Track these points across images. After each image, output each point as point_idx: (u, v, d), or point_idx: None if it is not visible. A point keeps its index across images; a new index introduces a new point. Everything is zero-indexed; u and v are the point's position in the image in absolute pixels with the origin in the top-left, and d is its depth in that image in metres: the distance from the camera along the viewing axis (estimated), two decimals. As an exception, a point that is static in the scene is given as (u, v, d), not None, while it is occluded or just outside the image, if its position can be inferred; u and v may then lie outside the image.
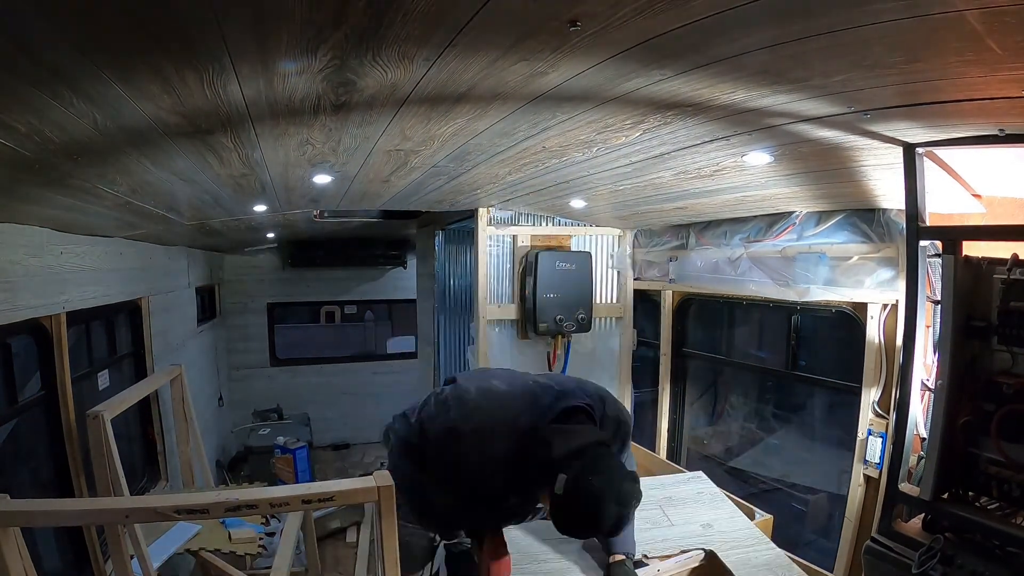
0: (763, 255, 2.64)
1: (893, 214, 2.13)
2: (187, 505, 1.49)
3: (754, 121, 1.40)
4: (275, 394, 6.36)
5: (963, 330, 1.62)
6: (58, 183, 1.58)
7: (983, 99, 1.17)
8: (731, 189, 2.20)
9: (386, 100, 1.23)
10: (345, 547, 4.18)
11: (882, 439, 2.16)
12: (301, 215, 3.49)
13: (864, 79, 1.11)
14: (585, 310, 3.34)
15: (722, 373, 3.38)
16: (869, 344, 2.22)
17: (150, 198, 2.06)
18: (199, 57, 0.93)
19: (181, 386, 3.22)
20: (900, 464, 1.81)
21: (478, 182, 2.33)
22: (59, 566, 2.29)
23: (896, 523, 1.81)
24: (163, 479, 3.37)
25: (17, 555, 1.43)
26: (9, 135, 1.12)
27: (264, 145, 1.54)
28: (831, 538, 2.45)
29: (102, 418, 2.12)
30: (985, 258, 1.63)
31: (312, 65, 1.00)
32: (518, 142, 1.66)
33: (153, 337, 3.37)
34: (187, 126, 1.28)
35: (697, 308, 3.43)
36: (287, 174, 2.00)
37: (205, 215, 2.82)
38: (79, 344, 2.48)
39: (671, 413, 3.50)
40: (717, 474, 3.13)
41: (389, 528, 1.48)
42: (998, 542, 1.53)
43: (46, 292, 2.10)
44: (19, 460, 2.14)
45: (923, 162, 1.60)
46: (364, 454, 6.40)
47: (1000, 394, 1.57)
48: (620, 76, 1.12)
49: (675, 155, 1.76)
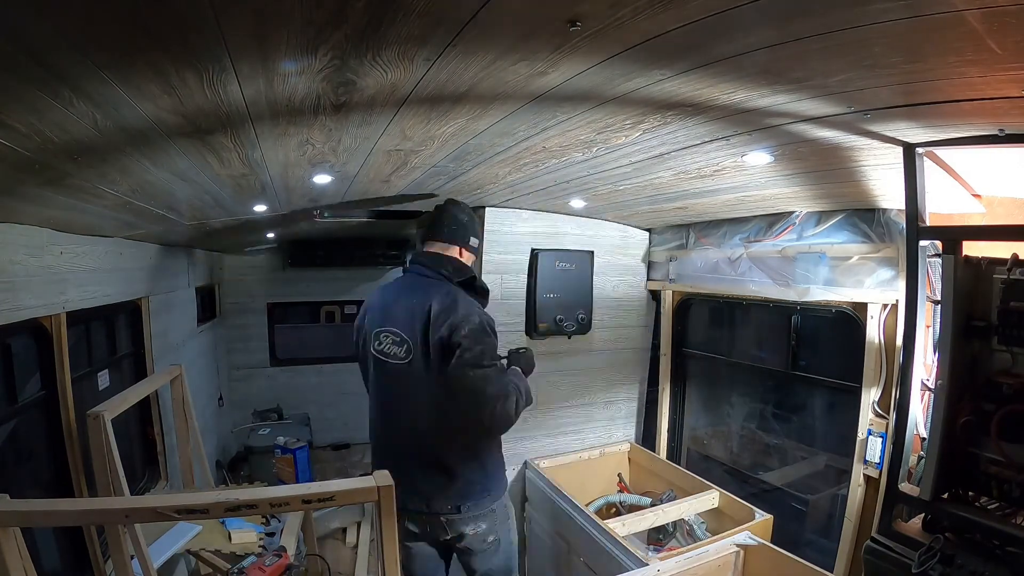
0: (763, 255, 2.64)
1: (893, 214, 2.13)
2: (187, 505, 1.50)
3: (754, 121, 1.40)
4: (275, 394, 6.36)
5: (963, 330, 1.62)
6: (58, 183, 1.58)
7: (983, 99, 1.17)
8: (731, 189, 2.20)
9: (386, 100, 1.23)
10: (345, 547, 4.19)
11: (882, 439, 2.16)
12: (301, 215, 3.49)
13: (864, 79, 1.11)
14: (585, 310, 3.32)
15: (722, 373, 3.38)
16: (869, 344, 2.22)
17: (150, 198, 2.06)
18: (199, 57, 0.93)
19: (181, 386, 3.22)
20: (900, 464, 1.81)
21: (478, 182, 2.33)
22: (59, 566, 2.28)
23: (896, 523, 1.81)
24: (163, 479, 3.36)
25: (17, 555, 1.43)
26: (9, 135, 1.12)
27: (264, 145, 1.54)
28: (831, 538, 2.45)
29: (102, 418, 2.12)
30: (985, 258, 1.63)
31: (312, 65, 1.00)
32: (518, 142, 1.66)
33: (153, 337, 3.37)
34: (187, 126, 1.28)
35: (697, 308, 3.43)
36: (287, 174, 2.00)
37: (205, 215, 2.82)
38: (79, 344, 2.48)
39: (671, 413, 3.51)
40: (717, 474, 3.14)
41: (389, 528, 1.49)
42: (998, 542, 1.53)
43: (46, 292, 2.09)
44: (19, 460, 2.14)
45: (923, 162, 1.60)
46: (364, 454, 6.40)
47: (1000, 394, 1.58)
48: (620, 76, 1.13)
49: (675, 155, 1.76)
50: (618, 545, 2.37)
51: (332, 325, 6.99)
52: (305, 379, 6.61)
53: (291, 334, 6.67)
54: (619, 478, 3.52)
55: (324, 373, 6.70)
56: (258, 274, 6.42)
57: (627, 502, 3.21)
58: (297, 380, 6.58)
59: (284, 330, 6.62)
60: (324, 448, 6.42)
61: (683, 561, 2.16)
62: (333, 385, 6.67)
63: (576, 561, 2.73)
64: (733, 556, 2.24)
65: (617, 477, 3.52)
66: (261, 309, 6.45)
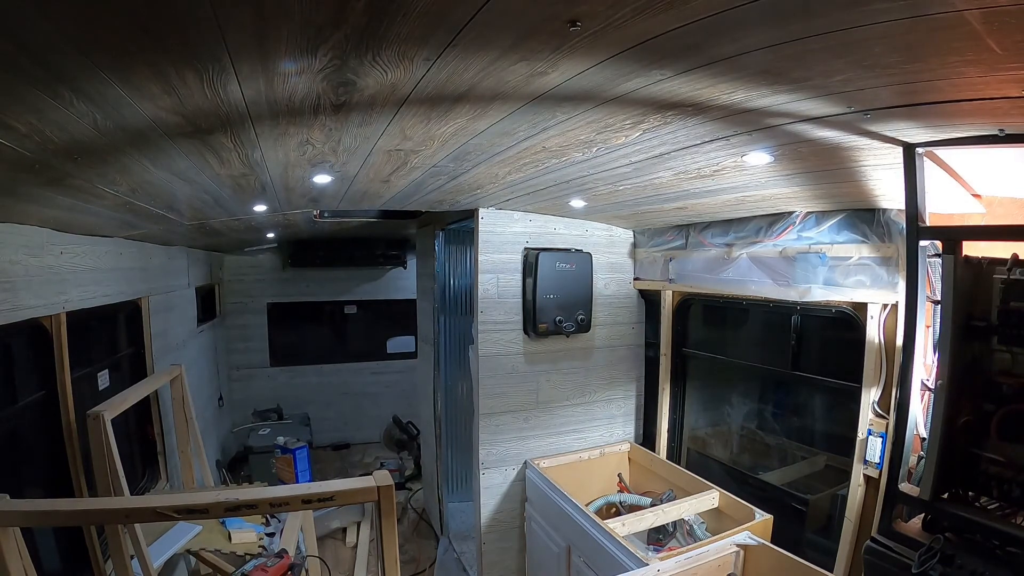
0: (763, 255, 2.64)
1: (893, 214, 2.13)
2: (187, 505, 1.50)
3: (754, 121, 1.40)
4: (275, 394, 6.37)
5: (963, 330, 1.62)
6: (58, 183, 1.58)
7: (983, 99, 1.17)
8: (731, 189, 2.20)
9: (386, 100, 1.23)
10: (345, 547, 4.19)
11: (882, 439, 2.16)
12: (301, 215, 3.49)
13: (864, 79, 1.11)
14: (585, 311, 3.34)
15: (722, 373, 3.38)
16: (869, 344, 2.22)
17: (150, 198, 2.06)
18: (199, 57, 0.93)
19: (181, 386, 3.22)
20: (900, 464, 1.81)
21: (478, 182, 2.33)
22: (59, 566, 2.28)
23: (896, 523, 1.81)
24: (163, 479, 3.37)
25: (17, 555, 1.43)
26: (9, 135, 1.13)
27: (264, 145, 1.55)
28: (831, 538, 2.45)
29: (102, 418, 2.12)
30: (985, 258, 1.63)
31: (312, 65, 1.00)
32: (518, 142, 1.66)
33: (153, 337, 3.37)
34: (187, 126, 1.28)
35: (697, 308, 3.43)
36: (287, 174, 2.00)
37: (205, 215, 2.82)
38: (79, 344, 2.48)
39: (671, 413, 3.51)
40: (717, 474, 3.14)
41: (389, 528, 1.49)
42: (998, 542, 1.53)
43: (46, 292, 2.10)
44: (19, 460, 2.14)
45: (923, 162, 1.60)
46: (364, 454, 6.40)
47: (1000, 394, 1.58)
48: (620, 76, 1.13)
49: (675, 155, 1.76)
50: (618, 545, 2.37)
51: (332, 325, 7.00)
52: (305, 379, 6.62)
53: (291, 334, 6.68)
54: (619, 478, 3.52)
55: (324, 373, 6.71)
56: (258, 274, 6.43)
57: (627, 502, 3.21)
58: (297, 380, 6.59)
59: (284, 330, 6.63)
60: (324, 448, 6.44)
61: (683, 561, 2.16)
62: (333, 385, 6.69)
63: (576, 561, 2.73)
64: (733, 556, 2.24)
65: (617, 477, 3.53)
66: (261, 309, 6.46)
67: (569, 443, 3.50)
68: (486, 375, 3.24)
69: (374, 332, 7.05)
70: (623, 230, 3.59)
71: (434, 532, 4.57)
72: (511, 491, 3.37)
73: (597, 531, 2.53)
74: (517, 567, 3.43)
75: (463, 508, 4.37)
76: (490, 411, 3.27)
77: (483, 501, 3.33)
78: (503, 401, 3.29)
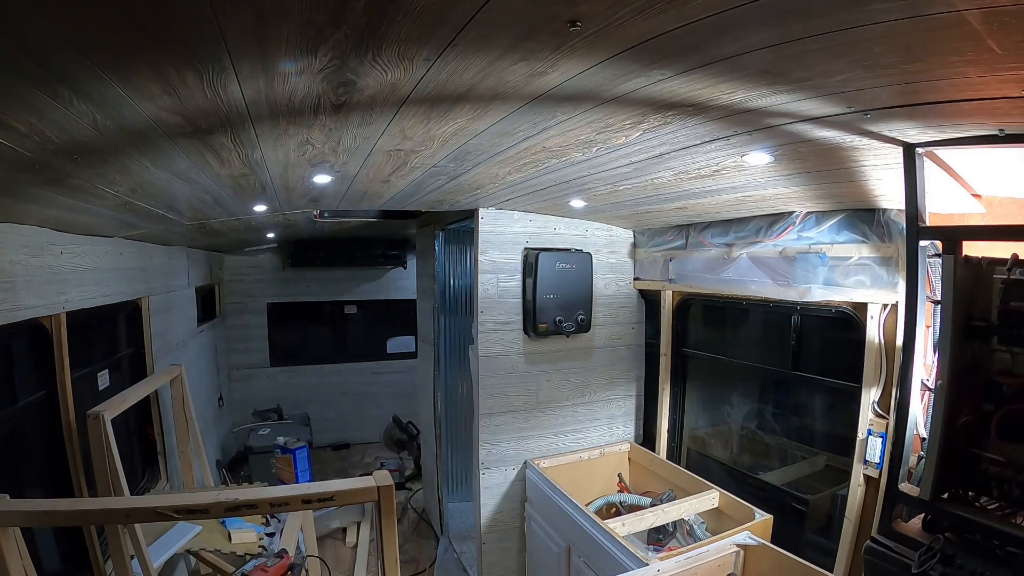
0: (763, 255, 2.64)
1: (893, 214, 2.13)
2: (187, 505, 1.50)
3: (754, 121, 1.40)
4: (275, 394, 6.36)
5: (963, 330, 1.62)
6: (58, 183, 1.58)
7: (983, 99, 1.17)
8: (731, 189, 2.20)
9: (386, 100, 1.23)
10: (345, 547, 4.19)
11: (882, 439, 2.16)
12: (301, 215, 3.49)
13: (864, 79, 1.11)
14: (585, 311, 3.34)
15: (722, 373, 3.38)
16: (869, 344, 2.22)
17: (150, 198, 2.06)
18: (199, 57, 0.93)
19: (181, 386, 3.22)
20: (900, 464, 1.81)
21: (478, 182, 2.33)
22: (59, 566, 2.28)
23: (896, 523, 1.81)
24: (163, 479, 3.37)
25: (17, 555, 1.43)
26: (9, 135, 1.13)
27: (264, 145, 1.55)
28: (831, 538, 2.45)
29: (102, 418, 2.12)
30: (985, 258, 1.63)
31: (312, 65, 1.00)
32: (518, 142, 1.66)
33: (153, 337, 3.37)
34: (187, 126, 1.28)
35: (697, 308, 3.44)
36: (287, 174, 2.00)
37: (205, 215, 2.82)
38: (79, 344, 2.48)
39: (671, 413, 3.51)
40: (717, 474, 3.14)
41: (389, 528, 1.49)
42: (998, 542, 1.53)
43: (46, 292, 2.10)
44: (19, 460, 2.14)
45: (923, 162, 1.60)
46: (364, 454, 6.40)
47: (1000, 394, 1.58)
48: (620, 76, 1.13)
49: (675, 155, 1.76)
50: (618, 545, 2.37)
51: (332, 325, 7.00)
52: (305, 379, 6.62)
53: (291, 334, 6.68)
54: (619, 478, 3.52)
55: (324, 373, 6.71)
56: (258, 274, 6.43)
57: (627, 502, 3.21)
58: (297, 380, 6.59)
59: (284, 330, 6.63)
60: (324, 448, 6.44)
61: (683, 561, 2.16)
62: (333, 385, 6.69)
63: (576, 561, 2.73)
64: (733, 556, 2.24)
65: (617, 477, 3.53)
66: (261, 309, 6.46)
67: (569, 443, 3.51)
68: (486, 375, 3.25)
69: (374, 332, 7.05)
70: (623, 230, 3.59)
71: (434, 532, 4.57)
72: (511, 491, 3.37)
73: (597, 531, 2.53)
74: (517, 567, 3.43)
75: (463, 508, 4.37)
76: (490, 411, 3.27)
77: (483, 501, 3.33)
78: (503, 401, 3.29)
